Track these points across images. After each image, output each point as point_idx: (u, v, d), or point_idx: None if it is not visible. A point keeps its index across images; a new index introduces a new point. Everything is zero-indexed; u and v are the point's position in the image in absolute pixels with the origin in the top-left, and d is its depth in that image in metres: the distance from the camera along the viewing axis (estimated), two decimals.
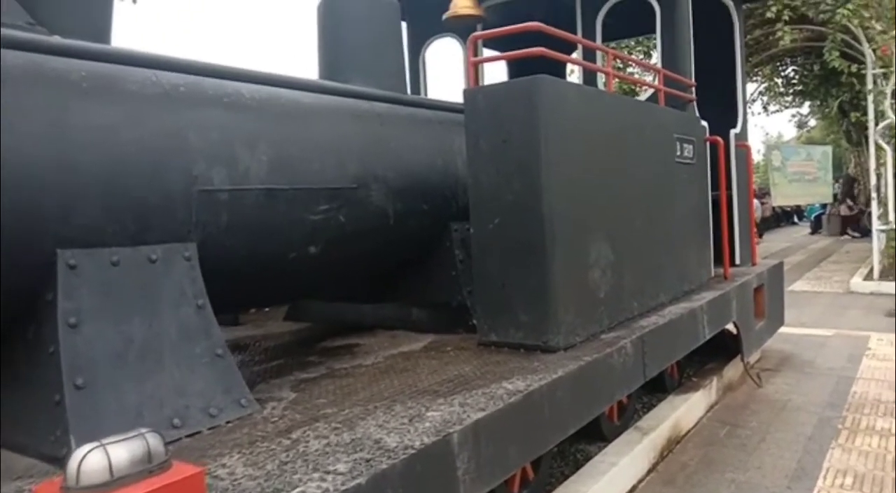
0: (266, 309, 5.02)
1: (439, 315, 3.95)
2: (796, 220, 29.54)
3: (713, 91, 6.02)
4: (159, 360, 2.38)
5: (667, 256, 4.49)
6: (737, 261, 5.99)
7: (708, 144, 5.36)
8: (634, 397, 4.38)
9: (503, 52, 6.02)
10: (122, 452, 1.57)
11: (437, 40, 6.38)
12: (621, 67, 14.42)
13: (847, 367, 5.89)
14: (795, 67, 18.85)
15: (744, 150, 6.30)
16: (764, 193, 21.57)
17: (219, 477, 1.92)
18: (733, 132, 6.12)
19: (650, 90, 5.83)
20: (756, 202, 18.72)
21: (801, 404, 4.96)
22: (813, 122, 30.57)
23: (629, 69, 13.48)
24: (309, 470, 1.95)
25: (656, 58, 5.44)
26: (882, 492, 3.49)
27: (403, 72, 4.19)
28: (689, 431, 4.52)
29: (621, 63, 9.93)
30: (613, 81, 4.31)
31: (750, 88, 22.29)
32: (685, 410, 4.56)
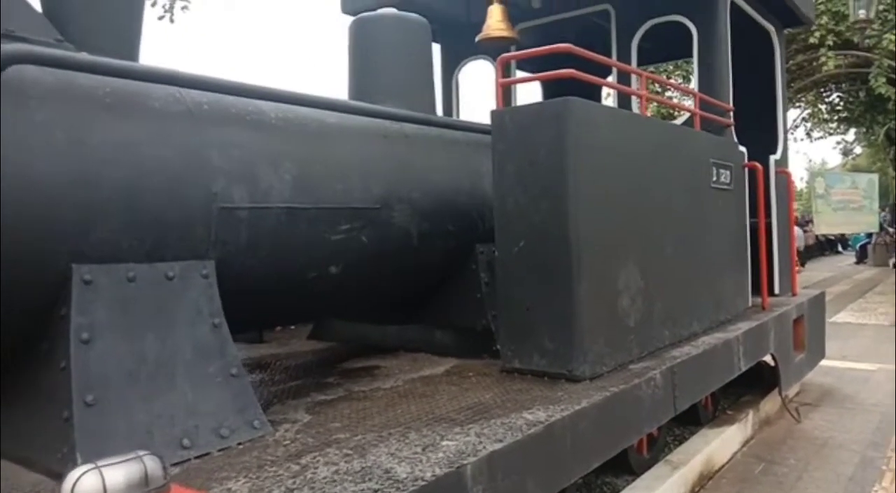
0: (292, 327, 5.01)
1: (463, 339, 3.87)
2: (840, 249, 28.99)
3: (753, 117, 5.89)
4: (172, 378, 2.35)
5: (701, 283, 4.36)
6: (776, 290, 5.82)
7: (746, 170, 5.23)
8: (665, 428, 4.24)
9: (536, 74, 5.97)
10: (118, 475, 1.53)
11: (471, 62, 6.37)
12: (659, 91, 14.31)
13: (892, 404, 5.64)
14: (840, 93, 18.51)
15: (784, 176, 6.16)
16: (807, 221, 21.14)
17: None
18: (773, 158, 5.99)
19: (688, 114, 5.73)
20: (798, 230, 18.33)
21: (842, 441, 4.77)
22: (858, 149, 29.98)
23: (668, 93, 13.35)
24: None
25: (695, 82, 5.34)
26: None
27: (433, 93, 4.16)
28: (723, 466, 4.38)
29: (659, 86, 9.81)
30: (648, 105, 4.23)
31: (793, 114, 21.96)
32: (719, 444, 4.42)
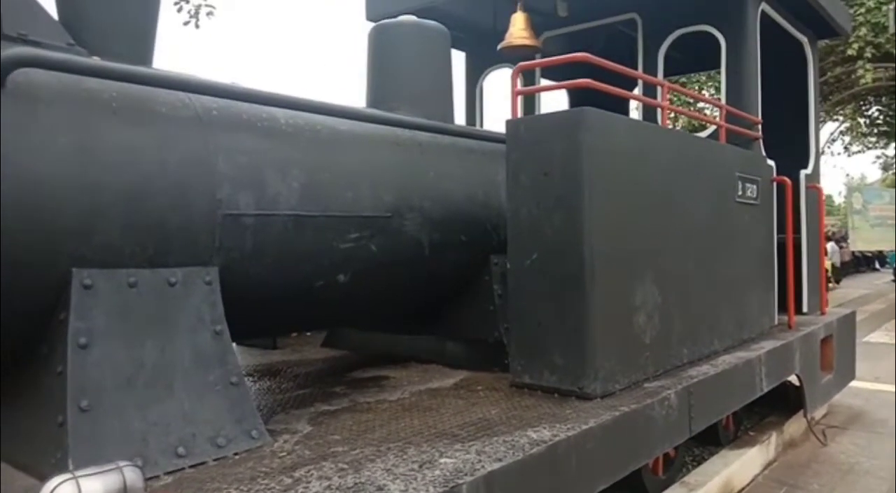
0: (308, 334, 4.99)
1: (475, 351, 3.81)
2: (878, 266, 28.25)
3: (784, 130, 5.74)
4: (170, 386, 2.33)
5: (723, 300, 4.24)
6: (804, 309, 5.66)
7: (775, 185, 5.09)
8: (683, 449, 4.12)
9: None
10: (96, 485, 1.50)
11: (495, 70, 6.32)
12: (690, 102, 14.09)
13: None
14: (880, 107, 18.07)
15: (815, 191, 5.98)
16: (842, 237, 20.66)
17: None
18: (804, 173, 5.84)
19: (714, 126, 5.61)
20: (833, 246, 17.92)
21: (870, 468, 4.59)
22: None
23: (700, 105, 13.15)
24: None
25: (722, 93, 5.23)
26: None
27: (450, 100, 4.11)
28: (742, 489, 4.26)
29: (687, 98, 9.65)
30: (672, 116, 4.13)
31: (830, 128, 21.51)
32: (739, 466, 4.30)
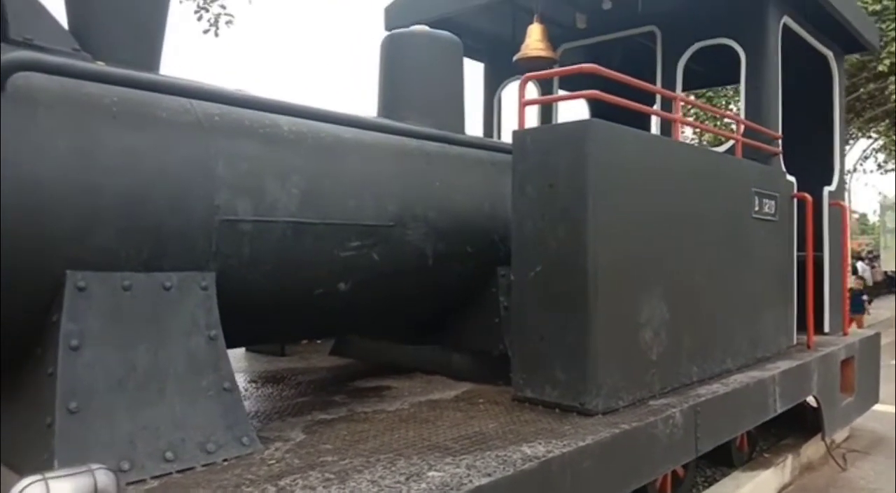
0: (318, 342, 5.00)
1: (479, 363, 3.77)
2: None
3: (808, 146, 5.63)
4: (161, 390, 2.33)
5: (737, 318, 4.15)
6: (825, 329, 5.52)
7: (795, 201, 4.99)
8: (693, 468, 4.02)
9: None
10: (65, 487, 1.50)
11: (514, 82, 6.29)
12: (713, 117, 13.89)
13: None
14: None
15: (838, 209, 5.85)
16: (875, 256, 20.18)
17: None
18: (827, 190, 5.71)
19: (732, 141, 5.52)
20: (863, 265, 17.51)
21: None
22: None
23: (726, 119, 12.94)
24: None
25: (742, 108, 5.14)
26: None
27: (461, 111, 4.10)
28: None
29: (704, 112, 9.51)
30: (689, 130, 4.07)
31: (863, 145, 21.08)
32: (751, 488, 4.21)
